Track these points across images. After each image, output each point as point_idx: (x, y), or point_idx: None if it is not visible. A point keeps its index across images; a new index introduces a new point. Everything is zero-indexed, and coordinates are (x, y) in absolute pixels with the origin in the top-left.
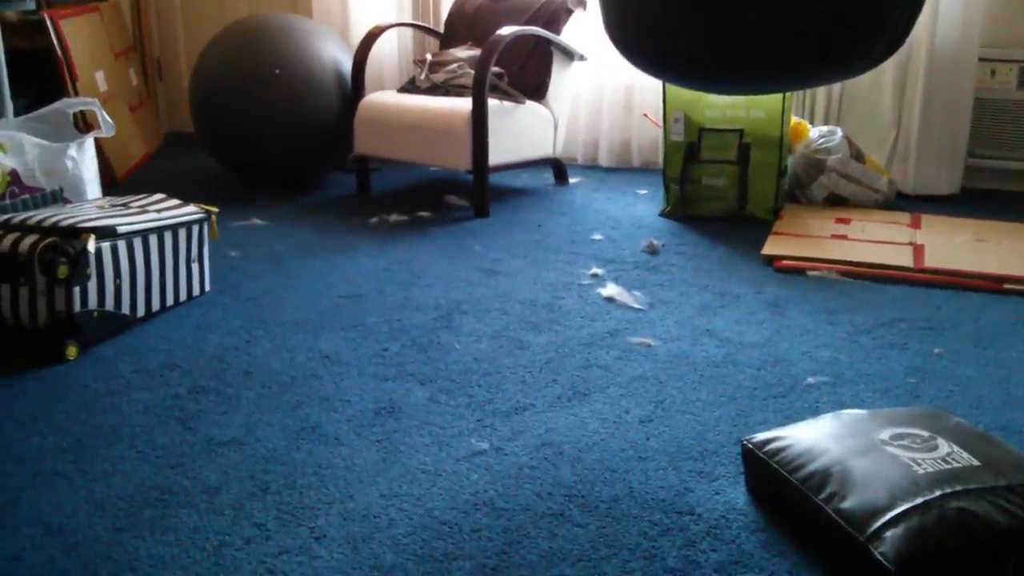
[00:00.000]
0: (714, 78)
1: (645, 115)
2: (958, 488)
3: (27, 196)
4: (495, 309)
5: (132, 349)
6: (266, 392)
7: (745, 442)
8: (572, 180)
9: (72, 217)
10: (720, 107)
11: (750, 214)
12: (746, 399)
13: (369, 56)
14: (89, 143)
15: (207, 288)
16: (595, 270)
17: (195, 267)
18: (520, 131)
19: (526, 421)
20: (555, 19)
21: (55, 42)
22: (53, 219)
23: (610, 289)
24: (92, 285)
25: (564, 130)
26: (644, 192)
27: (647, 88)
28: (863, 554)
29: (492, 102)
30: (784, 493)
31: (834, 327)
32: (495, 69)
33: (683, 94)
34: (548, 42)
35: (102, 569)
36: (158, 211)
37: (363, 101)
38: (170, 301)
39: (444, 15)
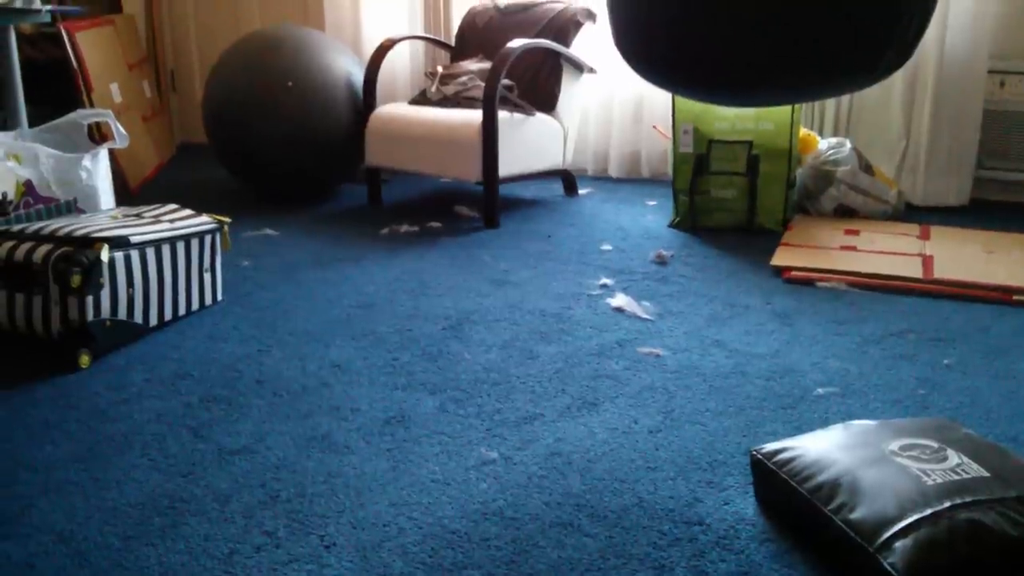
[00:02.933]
0: (723, 90)
1: (655, 127)
2: (968, 499)
3: (41, 206)
4: (504, 319)
5: (144, 358)
6: (277, 401)
7: (754, 452)
8: (582, 191)
9: (86, 227)
10: (729, 119)
11: (759, 225)
12: (755, 410)
13: (381, 68)
14: (103, 154)
15: (219, 298)
16: (604, 280)
17: (207, 277)
18: (530, 143)
19: (535, 431)
20: (565, 32)
21: (71, 54)
22: (67, 229)
23: (619, 299)
24: (105, 294)
25: (574, 142)
26: (653, 203)
27: (656, 100)
28: (872, 565)
29: (502, 114)
30: (793, 503)
31: (843, 338)
32: (505, 81)
33: (692, 106)
34: (558, 55)
35: None
36: (171, 221)
37: (374, 113)
38: (182, 311)
39: (455, 28)
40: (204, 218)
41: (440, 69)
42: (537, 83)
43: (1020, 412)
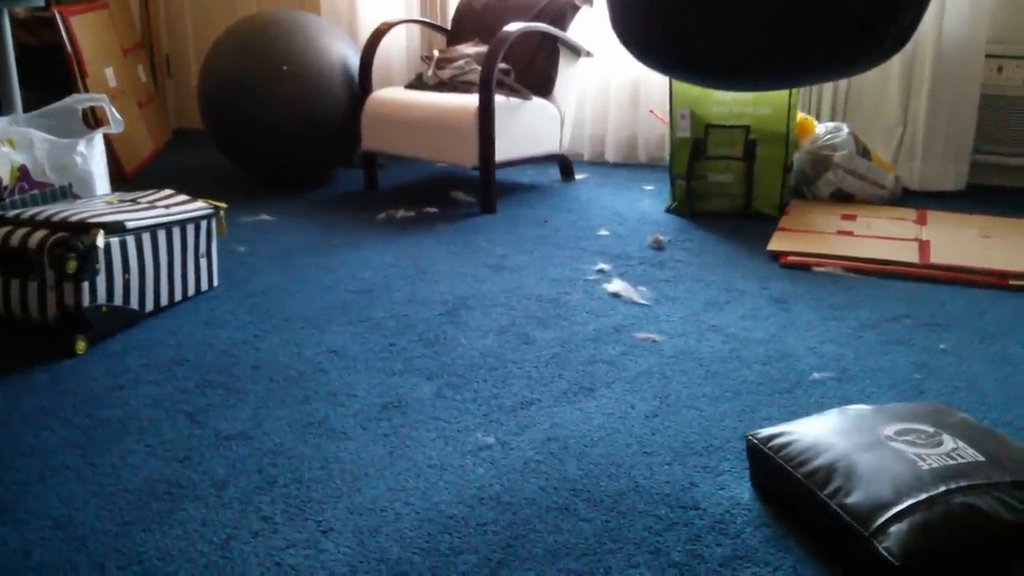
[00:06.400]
0: (720, 74)
1: (651, 111)
2: (963, 484)
3: (36, 191)
4: (501, 304)
5: (140, 344)
6: (274, 386)
7: (750, 437)
8: (578, 176)
9: (81, 212)
10: (727, 103)
11: (756, 210)
12: (751, 394)
13: (376, 53)
14: (98, 139)
15: (215, 283)
16: (601, 266)
17: (203, 262)
18: (527, 127)
19: (532, 416)
20: (562, 15)
21: (65, 39)
22: (62, 214)
23: (616, 285)
24: (101, 280)
25: (570, 126)
26: (650, 188)
27: (654, 84)
28: (868, 549)
29: (499, 98)
30: (789, 488)
31: (839, 323)
32: (502, 65)
33: (690, 90)
34: (555, 38)
35: (110, 562)
36: (167, 207)
37: (370, 97)
38: (178, 296)
39: (451, 11)
40: (200, 203)
41: (436, 53)
42: (534, 67)
43: (1015, 396)
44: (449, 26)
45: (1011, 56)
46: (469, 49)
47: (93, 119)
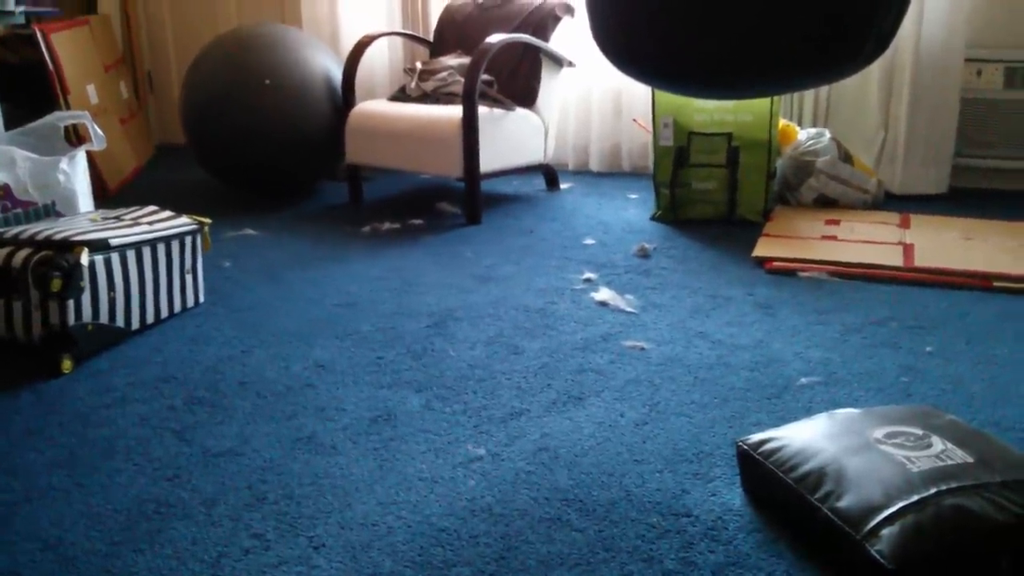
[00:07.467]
0: (701, 83)
1: (634, 120)
2: (953, 485)
3: (19, 210)
4: (489, 315)
5: (127, 361)
6: (261, 402)
7: (740, 443)
8: (563, 186)
9: (65, 230)
10: (709, 111)
11: (740, 217)
12: (740, 400)
13: (359, 65)
14: (81, 156)
15: (201, 299)
16: (587, 275)
17: (188, 278)
18: (511, 138)
19: (522, 426)
20: (544, 26)
21: (46, 56)
22: (46, 233)
23: (603, 293)
24: (86, 298)
25: (554, 136)
26: (635, 196)
27: (636, 93)
28: (860, 553)
29: (482, 109)
30: (780, 493)
31: (825, 327)
32: (485, 76)
33: (672, 99)
34: (537, 49)
35: None
36: (151, 223)
37: (354, 110)
38: (164, 313)
39: (433, 24)
40: (184, 219)
41: (419, 65)
42: (517, 78)
43: (1002, 397)
44: (431, 38)
45: (990, 60)
46: (452, 61)
47: (75, 136)
